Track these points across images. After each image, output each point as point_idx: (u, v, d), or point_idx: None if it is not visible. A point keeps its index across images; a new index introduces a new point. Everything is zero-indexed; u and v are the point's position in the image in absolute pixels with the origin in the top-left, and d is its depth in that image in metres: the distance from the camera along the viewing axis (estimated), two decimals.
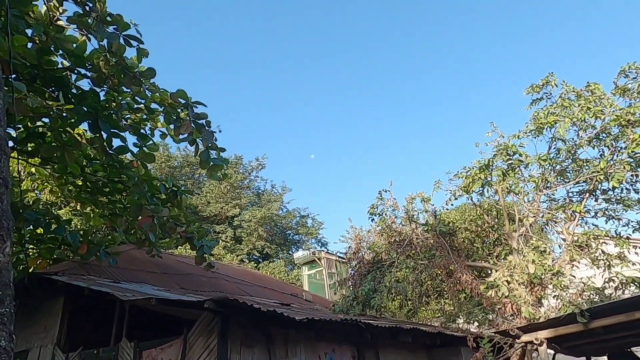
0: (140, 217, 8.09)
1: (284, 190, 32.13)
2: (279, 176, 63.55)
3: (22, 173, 13.07)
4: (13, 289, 2.48)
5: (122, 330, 6.77)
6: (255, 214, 27.20)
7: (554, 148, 10.21)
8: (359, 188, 59.39)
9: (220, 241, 25.57)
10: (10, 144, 7.54)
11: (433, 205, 11.44)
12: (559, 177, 10.50)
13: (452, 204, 11.12)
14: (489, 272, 10.77)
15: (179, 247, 17.77)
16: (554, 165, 10.15)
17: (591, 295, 8.30)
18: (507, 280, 7.66)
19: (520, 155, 9.36)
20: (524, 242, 9.02)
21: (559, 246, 9.52)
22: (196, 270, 11.12)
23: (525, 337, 6.90)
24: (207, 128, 7.03)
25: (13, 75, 6.38)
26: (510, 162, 9.50)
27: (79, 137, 7.82)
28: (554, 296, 8.54)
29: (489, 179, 9.93)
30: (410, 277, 10.82)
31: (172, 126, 7.78)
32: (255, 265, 24.80)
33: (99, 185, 8.82)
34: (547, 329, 6.78)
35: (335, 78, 58.68)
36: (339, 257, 19.66)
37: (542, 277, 7.75)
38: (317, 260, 20.00)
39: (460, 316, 12.09)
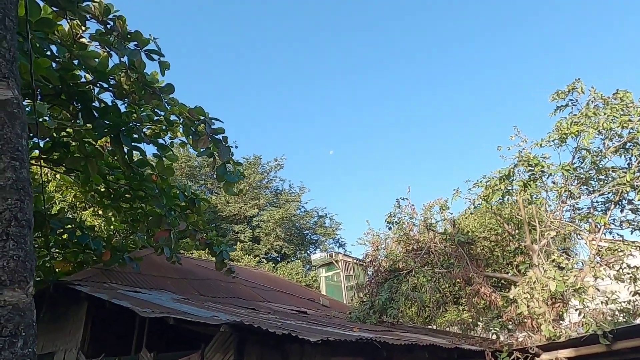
0: (160, 228, 8.29)
1: (302, 190, 32.26)
2: (297, 174, 63.55)
3: (49, 175, 13.51)
4: (35, 328, 2.58)
5: (143, 339, 6.92)
6: (273, 214, 27.39)
7: (578, 157, 9.94)
8: (379, 184, 59.00)
9: (239, 242, 25.85)
10: (37, 152, 7.83)
11: (452, 213, 11.31)
12: (582, 187, 10.22)
13: (471, 213, 10.96)
14: (509, 282, 10.58)
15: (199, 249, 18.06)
16: (578, 175, 9.88)
17: (615, 314, 8.07)
18: (526, 298, 7.52)
19: (543, 166, 9.14)
20: (544, 257, 8.83)
21: (582, 262, 9.28)
22: (214, 275, 11.30)
23: (545, 356, 6.79)
24: (224, 143, 7.11)
25: (38, 90, 6.61)
26: (531, 172, 9.29)
27: (101, 149, 8.03)
28: (576, 309, 8.34)
29: (509, 188, 9.74)
30: (428, 285, 10.74)
31: (191, 137, 7.90)
32: (273, 265, 25.00)
33: (121, 192, 9.04)
34: (568, 349, 6.64)
35: (355, 70, 58.24)
36: (357, 260, 19.64)
37: (564, 293, 7.58)
38: (334, 262, 20.04)
39: (479, 323, 11.94)
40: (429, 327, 13.74)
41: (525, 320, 7.96)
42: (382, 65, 57.96)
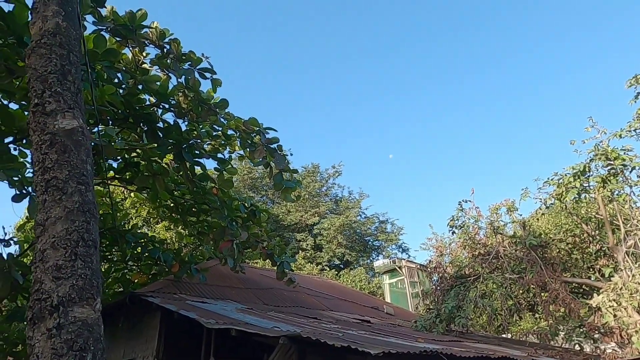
0: (224, 238, 8.61)
1: (362, 196, 32.01)
2: (356, 180, 63.24)
3: (125, 193, 14.59)
4: (103, 342, 2.74)
5: (210, 347, 7.17)
6: (334, 221, 27.45)
7: None
8: (441, 187, 57.03)
9: (301, 250, 26.17)
10: (111, 173, 8.51)
11: (521, 214, 10.58)
12: None
13: (543, 213, 10.19)
14: (591, 288, 9.65)
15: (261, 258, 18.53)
16: None
17: None
18: (612, 306, 6.78)
19: (624, 159, 8.27)
20: (632, 260, 7.94)
21: None
22: (277, 284, 11.47)
23: None
24: (279, 152, 7.24)
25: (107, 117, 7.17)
26: (611, 166, 8.44)
27: (166, 166, 8.52)
28: None
29: (585, 185, 8.92)
30: (498, 292, 10.11)
31: (247, 149, 8.15)
32: (336, 272, 24.98)
33: (187, 206, 9.52)
34: None
35: (415, 74, 57.05)
36: (421, 265, 19.04)
37: None
38: (398, 269, 19.58)
39: (559, 333, 11.01)
40: (502, 336, 12.93)
41: (614, 330, 7.19)
42: (439, 73, 56.35)
